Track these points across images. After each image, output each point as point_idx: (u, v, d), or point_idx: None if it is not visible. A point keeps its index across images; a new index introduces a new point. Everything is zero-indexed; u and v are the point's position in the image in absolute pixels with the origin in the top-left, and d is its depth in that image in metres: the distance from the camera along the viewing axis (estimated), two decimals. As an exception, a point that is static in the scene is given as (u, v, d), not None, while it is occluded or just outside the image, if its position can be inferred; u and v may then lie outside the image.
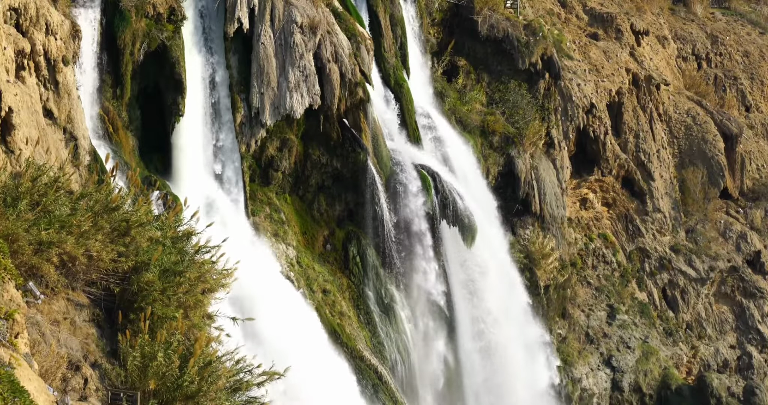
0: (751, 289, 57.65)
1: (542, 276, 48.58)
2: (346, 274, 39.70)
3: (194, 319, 17.18)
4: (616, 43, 57.86)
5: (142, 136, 34.84)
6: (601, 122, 53.82)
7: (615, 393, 51.21)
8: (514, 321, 45.30)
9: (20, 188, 16.20)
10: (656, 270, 55.78)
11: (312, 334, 35.43)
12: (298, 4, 37.63)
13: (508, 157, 47.89)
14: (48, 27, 27.44)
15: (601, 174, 54.68)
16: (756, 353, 56.40)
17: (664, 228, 56.73)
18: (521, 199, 48.27)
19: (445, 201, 41.44)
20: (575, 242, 53.10)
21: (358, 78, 38.50)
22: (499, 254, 45.61)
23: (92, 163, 29.50)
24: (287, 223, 38.43)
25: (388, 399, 37.25)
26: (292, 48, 37.08)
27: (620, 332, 52.32)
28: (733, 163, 60.66)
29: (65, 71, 28.45)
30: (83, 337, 15.81)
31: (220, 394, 15.70)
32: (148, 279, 16.41)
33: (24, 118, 24.79)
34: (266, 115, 36.93)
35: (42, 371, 13.90)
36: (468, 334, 42.92)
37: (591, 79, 53.69)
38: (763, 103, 67.38)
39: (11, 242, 15.09)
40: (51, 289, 15.90)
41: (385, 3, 43.40)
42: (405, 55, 44.57)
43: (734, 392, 54.29)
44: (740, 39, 69.39)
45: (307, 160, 39.24)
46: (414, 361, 40.42)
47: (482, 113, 48.71)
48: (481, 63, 50.45)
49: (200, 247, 18.16)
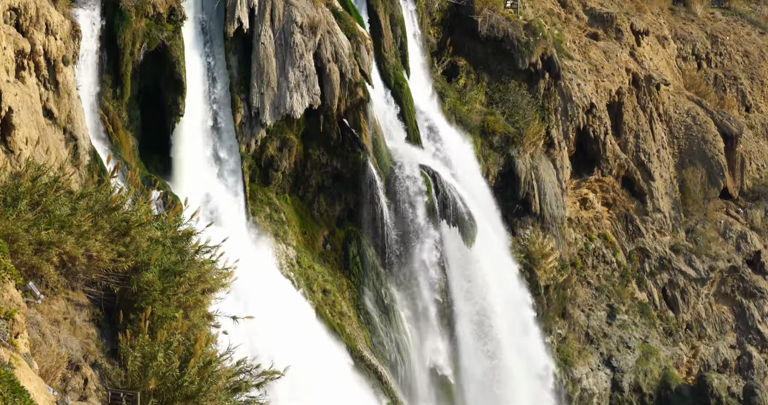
0: (751, 289, 57.64)
1: (542, 276, 48.57)
2: (346, 274, 39.70)
3: (194, 319, 17.18)
4: (616, 43, 57.86)
5: (142, 136, 34.83)
6: (601, 122, 53.82)
7: (615, 393, 51.21)
8: (514, 321, 45.30)
9: (20, 188, 16.18)
10: (656, 270, 55.77)
11: (312, 333, 35.44)
12: (298, 4, 37.63)
13: (508, 157, 47.89)
14: (48, 27, 27.43)
15: (601, 174, 54.68)
16: (756, 353, 56.40)
17: (664, 228, 56.73)
18: (521, 199, 48.26)
19: (445, 201, 41.44)
20: (575, 242, 53.10)
21: (358, 78, 38.50)
22: (499, 254, 45.60)
23: (92, 163, 29.51)
24: (287, 223, 38.43)
25: (388, 399, 37.26)
26: (292, 48, 37.09)
27: (620, 332, 52.31)
28: (733, 163, 60.65)
29: (65, 71, 28.45)
30: (83, 337, 15.80)
31: (220, 394, 15.69)
32: (148, 279, 16.40)
33: (24, 118, 24.79)
34: (266, 115, 36.93)
35: (42, 371, 13.90)
36: (468, 334, 42.92)
37: (591, 79, 53.69)
38: (763, 103, 67.38)
39: (11, 242, 15.08)
40: (51, 289, 15.89)
41: (385, 3, 43.39)
42: (405, 55, 44.57)
43: (734, 392, 54.28)
44: (740, 39, 69.38)
45: (307, 160, 39.23)
46: (414, 361, 40.42)
47: (482, 113, 48.70)
48: (481, 63, 50.44)
49: (200, 247, 18.16)
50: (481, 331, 43.52)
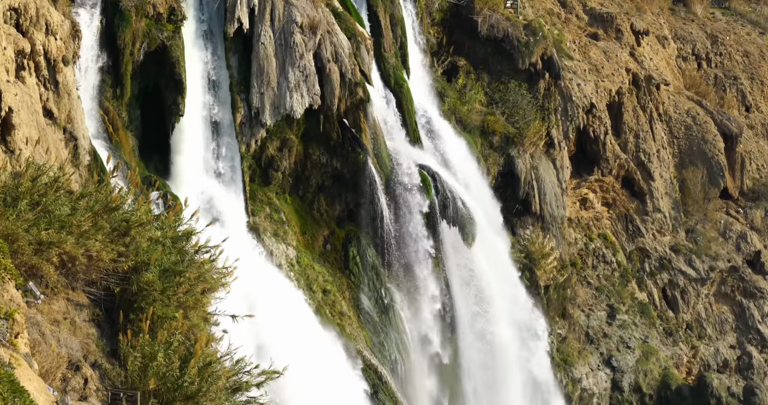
0: (751, 289, 57.63)
1: (542, 276, 48.57)
2: (346, 274, 39.70)
3: (194, 319, 17.17)
4: (616, 43, 57.85)
5: (142, 136, 34.83)
6: (601, 122, 53.81)
7: (615, 393, 51.21)
8: (514, 321, 45.30)
9: (20, 188, 16.18)
10: (656, 270, 55.77)
11: (312, 333, 35.43)
12: (298, 4, 37.63)
13: (508, 157, 47.89)
14: (48, 27, 27.43)
15: (601, 174, 54.67)
16: (756, 353, 56.40)
17: (664, 228, 56.73)
18: (521, 199, 48.26)
19: (445, 201, 41.44)
20: (575, 242, 53.10)
21: (358, 78, 38.51)
22: (499, 254, 45.61)
23: (92, 163, 29.50)
24: (287, 223, 38.43)
25: (388, 399, 37.25)
26: (292, 48, 37.09)
27: (620, 332, 52.31)
28: (733, 163, 60.65)
29: (65, 71, 28.45)
30: (83, 337, 15.80)
31: (220, 394, 15.69)
32: (148, 279, 16.40)
33: (24, 118, 24.79)
34: (266, 115, 36.93)
35: (42, 371, 13.89)
36: (468, 333, 42.92)
37: (591, 79, 53.68)
38: (763, 103, 67.38)
39: (11, 242, 15.08)
40: (51, 289, 15.89)
41: (385, 3, 43.39)
42: (405, 55, 44.57)
43: (734, 392, 54.27)
44: (740, 39, 69.39)
45: (307, 160, 39.23)
46: (414, 361, 40.42)
47: (482, 113, 48.69)
48: (481, 63, 50.44)
49: (200, 247, 18.16)
50: (482, 330, 43.52)
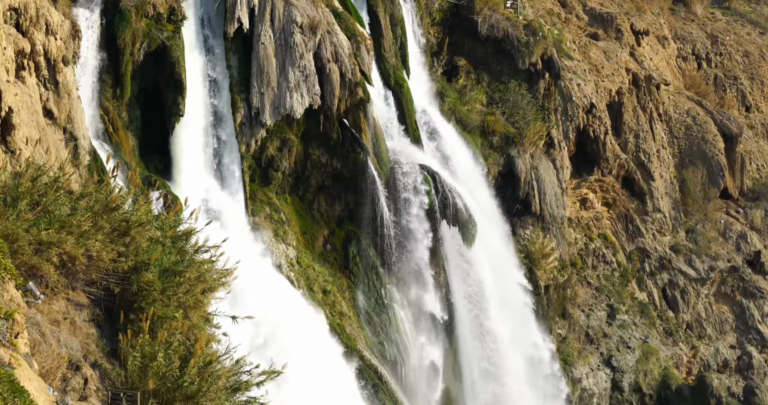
0: (751, 289, 57.64)
1: (542, 276, 48.57)
2: (346, 274, 39.70)
3: (194, 319, 17.16)
4: (616, 43, 57.86)
5: (142, 136, 34.83)
6: (601, 122, 53.81)
7: (615, 393, 51.21)
8: (514, 320, 45.30)
9: (20, 188, 16.17)
10: (656, 270, 55.77)
11: (313, 333, 35.43)
12: (298, 4, 37.63)
13: (508, 157, 47.90)
14: (48, 27, 27.43)
15: (601, 174, 54.68)
16: (756, 353, 56.39)
17: (664, 228, 56.72)
18: (521, 199, 48.27)
19: (445, 201, 41.45)
20: (575, 242, 53.09)
21: (358, 78, 38.51)
22: (499, 254, 45.61)
23: (92, 163, 29.50)
24: (287, 223, 38.43)
25: (388, 399, 37.25)
26: (292, 48, 37.09)
27: (620, 332, 52.32)
28: (733, 163, 60.65)
29: (65, 71, 28.45)
30: (83, 337, 15.79)
31: (220, 394, 15.67)
32: (148, 279, 16.38)
33: (24, 118, 24.78)
34: (266, 115, 36.93)
35: (42, 371, 13.89)
36: (468, 333, 42.92)
37: (591, 79, 53.69)
38: (763, 103, 67.38)
39: (11, 242, 15.07)
40: (51, 289, 15.88)
41: (385, 3, 43.39)
42: (405, 55, 44.57)
43: (734, 392, 54.27)
44: (740, 39, 69.39)
45: (307, 160, 39.23)
46: (414, 360, 40.42)
47: (482, 113, 48.70)
48: (481, 63, 50.45)
49: (200, 247, 18.15)
50: (481, 330, 43.52)
